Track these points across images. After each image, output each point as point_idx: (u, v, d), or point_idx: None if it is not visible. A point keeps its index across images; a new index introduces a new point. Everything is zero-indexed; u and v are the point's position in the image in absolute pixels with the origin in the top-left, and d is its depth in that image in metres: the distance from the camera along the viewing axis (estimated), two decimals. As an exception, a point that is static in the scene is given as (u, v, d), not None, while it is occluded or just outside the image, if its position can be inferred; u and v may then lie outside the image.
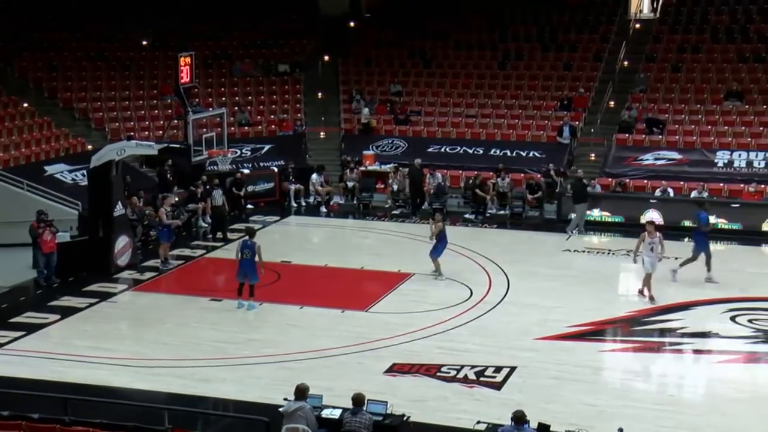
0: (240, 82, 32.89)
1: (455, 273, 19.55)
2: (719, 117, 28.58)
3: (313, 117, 31.97)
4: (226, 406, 13.35)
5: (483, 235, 23.69)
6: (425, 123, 30.71)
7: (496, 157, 27.95)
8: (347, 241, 23.53)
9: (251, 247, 17.32)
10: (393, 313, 17.23)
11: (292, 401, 11.25)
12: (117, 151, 20.10)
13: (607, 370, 15.08)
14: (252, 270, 17.29)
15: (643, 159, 27.09)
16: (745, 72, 30.14)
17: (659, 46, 32.10)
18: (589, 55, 32.35)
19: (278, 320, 17.01)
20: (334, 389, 12.79)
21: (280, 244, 23.09)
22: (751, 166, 26.22)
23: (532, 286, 18.93)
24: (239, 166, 26.76)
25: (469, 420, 12.19)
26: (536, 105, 30.81)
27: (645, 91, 30.20)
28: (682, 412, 13.07)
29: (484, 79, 32.41)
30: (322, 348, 15.36)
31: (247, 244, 17.45)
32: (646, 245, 17.96)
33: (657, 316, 17.13)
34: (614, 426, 11.19)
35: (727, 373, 14.64)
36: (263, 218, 25.19)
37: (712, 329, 16.42)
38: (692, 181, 25.49)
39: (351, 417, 11.17)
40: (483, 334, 16.10)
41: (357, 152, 29.04)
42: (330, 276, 20.06)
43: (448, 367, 14.46)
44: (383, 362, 14.70)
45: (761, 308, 17.42)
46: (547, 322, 16.62)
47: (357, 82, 33.19)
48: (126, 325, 17.22)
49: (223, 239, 22.55)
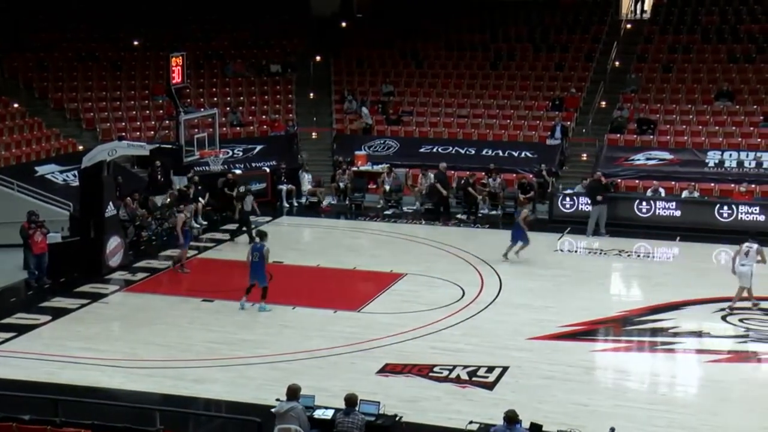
0: (232, 83, 32.85)
1: (447, 273, 19.57)
2: (710, 117, 28.66)
3: (305, 117, 31.96)
4: (218, 407, 13.33)
5: (475, 235, 23.71)
6: (417, 123, 30.72)
7: (488, 158, 27.97)
8: (339, 242, 23.52)
9: (260, 250, 17.33)
10: (385, 314, 17.23)
11: (284, 401, 11.24)
12: (108, 151, 20.05)
13: (599, 369, 15.10)
14: (261, 273, 17.27)
15: (635, 159, 27.15)
16: (735, 72, 30.23)
17: (650, 47, 32.19)
18: (581, 56, 32.41)
19: (271, 321, 16.98)
20: (326, 389, 12.79)
21: (273, 245, 22.88)
22: (741, 166, 26.29)
23: (525, 286, 18.96)
24: (231, 167, 26.72)
25: (461, 420, 12.20)
26: (528, 105, 30.85)
27: (636, 92, 30.26)
28: (674, 411, 13.10)
29: (475, 79, 32.44)
30: (315, 348, 15.35)
31: (256, 247, 17.48)
32: (741, 253, 17.26)
33: (649, 315, 17.17)
34: (606, 425, 11.21)
35: (718, 372, 14.68)
36: (255, 218, 25.12)
37: (703, 329, 16.47)
38: (683, 181, 25.56)
39: (343, 417, 11.17)
40: (475, 334, 16.12)
41: (349, 153, 29.03)
42: (322, 276, 20.04)
43: (441, 367, 14.46)
44: (376, 362, 14.70)
45: (752, 308, 17.46)
46: (540, 322, 16.64)
47: (349, 82, 33.18)
48: (118, 325, 17.17)
49: (250, 241, 21.79)
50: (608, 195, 24.00)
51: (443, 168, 26.13)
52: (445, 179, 25.86)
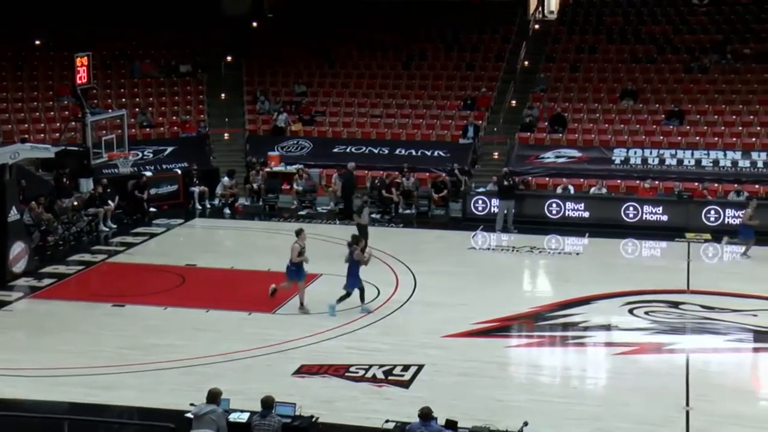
0: (141, 83, 32.21)
1: (362, 272, 19.53)
2: (615, 116, 29.44)
3: (217, 118, 31.57)
4: (131, 414, 13.04)
5: (390, 234, 23.81)
6: (330, 123, 30.68)
7: (402, 157, 28.12)
8: (253, 243, 23.31)
9: (351, 254, 17.15)
10: (301, 314, 17.14)
11: (203, 405, 11.05)
12: (10, 154, 19.41)
13: (512, 365, 15.34)
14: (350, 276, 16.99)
15: (545, 157, 27.67)
16: (638, 72, 31.12)
17: (558, 47, 32.87)
18: (491, 56, 32.88)
19: (184, 324, 16.71)
20: (241, 393, 12.63)
21: (185, 247, 22.72)
22: (646, 163, 27.08)
23: (439, 284, 19.12)
24: (141, 169, 26.22)
25: (378, 419, 12.22)
26: (440, 105, 31.14)
27: (546, 91, 30.87)
28: (584, 403, 13.40)
29: (388, 79, 32.57)
30: (230, 351, 15.16)
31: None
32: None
33: (560, 311, 17.52)
34: (520, 420, 11.39)
35: (626, 364, 15.08)
36: (167, 221, 24.74)
37: (611, 322, 16.90)
38: (592, 178, 26.18)
39: (259, 420, 11.07)
40: (391, 333, 16.18)
41: (262, 153, 28.81)
42: (236, 278, 19.83)
43: (357, 367, 14.47)
44: (292, 364, 14.61)
45: (657, 300, 18.02)
46: (454, 319, 16.80)
47: (261, 83, 32.92)
48: (23, 334, 16.62)
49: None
50: (517, 192, 24.45)
51: (351, 168, 26.20)
52: (352, 179, 25.92)
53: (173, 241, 23.22)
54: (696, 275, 19.91)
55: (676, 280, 19.46)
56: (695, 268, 20.60)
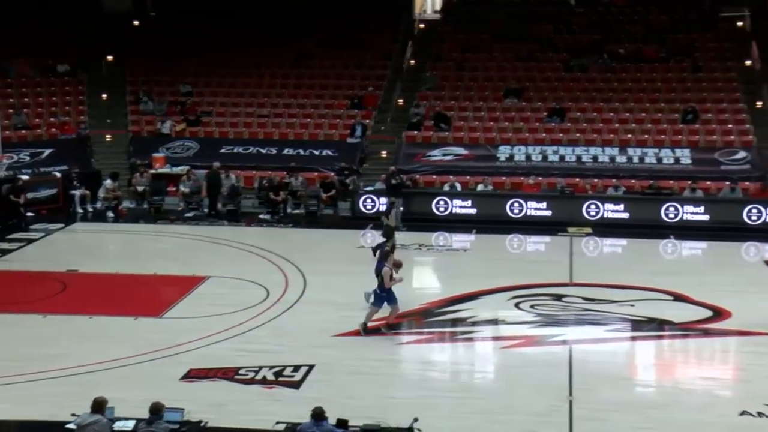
0: (15, 84, 31.01)
1: (251, 274, 19.39)
2: (500, 114, 30.06)
3: (98, 119, 30.67)
4: (8, 429, 12.49)
5: (279, 234, 23.65)
6: (217, 124, 30.25)
7: (290, 157, 27.99)
8: (139, 247, 22.75)
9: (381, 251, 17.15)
10: (188, 318, 16.82)
11: (86, 414, 10.69)
12: None
13: (403, 362, 15.43)
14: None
15: (432, 155, 28.03)
16: (522, 71, 31.87)
17: (444, 46, 33.32)
18: (378, 54, 33.06)
19: (67, 332, 16.13)
20: (127, 400, 12.28)
21: (66, 253, 21.95)
22: (529, 160, 27.76)
23: (329, 283, 19.08)
24: (17, 172, 25.24)
25: (269, 421, 12.10)
26: (328, 104, 31.12)
27: (432, 89, 31.24)
28: (474, 397, 13.60)
29: (276, 78, 32.36)
30: (115, 358, 14.73)
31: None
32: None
33: (449, 306, 17.75)
34: (411, 416, 11.46)
35: (512, 357, 15.40)
36: (46, 226, 23.87)
37: (498, 316, 17.24)
38: (478, 176, 26.64)
39: (146, 427, 10.78)
40: (281, 334, 16.05)
41: (146, 155, 28.16)
42: (121, 283, 19.28)
43: (246, 369, 14.29)
44: (180, 368, 14.31)
45: (541, 294, 18.49)
46: (345, 318, 16.78)
47: (145, 82, 32.18)
48: None
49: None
50: (404, 190, 24.69)
51: (216, 167, 25.94)
52: (218, 179, 25.63)
53: (53, 247, 22.42)
54: (578, 268, 20.54)
55: (560, 274, 20.02)
56: (577, 261, 21.25)
